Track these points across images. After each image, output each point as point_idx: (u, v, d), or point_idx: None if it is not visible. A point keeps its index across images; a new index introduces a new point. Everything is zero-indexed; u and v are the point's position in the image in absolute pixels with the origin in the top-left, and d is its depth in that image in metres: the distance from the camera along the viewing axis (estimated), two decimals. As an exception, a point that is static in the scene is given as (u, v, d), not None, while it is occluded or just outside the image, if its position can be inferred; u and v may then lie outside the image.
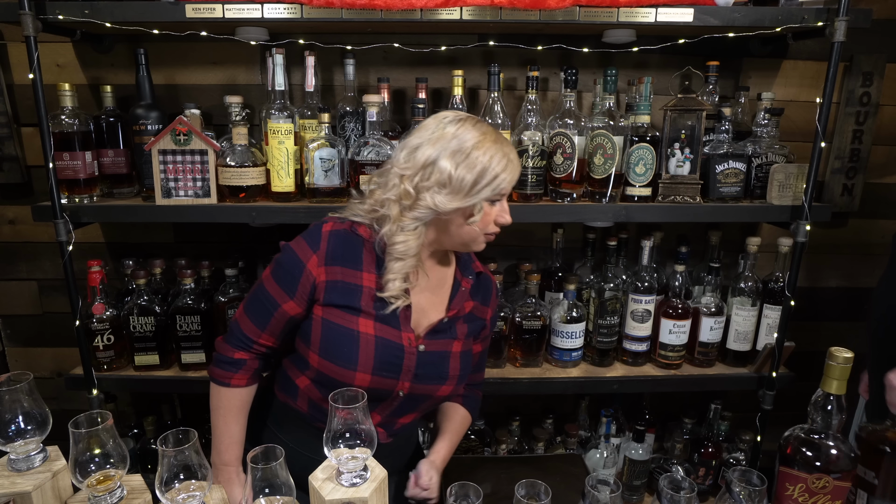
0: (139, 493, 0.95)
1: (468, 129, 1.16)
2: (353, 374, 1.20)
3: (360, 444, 0.95)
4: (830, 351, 0.96)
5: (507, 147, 1.19)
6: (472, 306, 1.35)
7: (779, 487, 1.01)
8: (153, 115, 1.69)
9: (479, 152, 1.14)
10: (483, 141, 1.15)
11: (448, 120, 1.19)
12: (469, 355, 1.36)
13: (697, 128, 1.67)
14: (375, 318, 1.22)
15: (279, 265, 1.23)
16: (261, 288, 1.25)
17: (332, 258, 1.21)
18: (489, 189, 1.15)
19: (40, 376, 2.18)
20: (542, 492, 0.87)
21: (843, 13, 1.51)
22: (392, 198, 1.18)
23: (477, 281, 1.38)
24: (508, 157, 1.18)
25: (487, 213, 1.20)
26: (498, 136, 1.20)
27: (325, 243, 1.21)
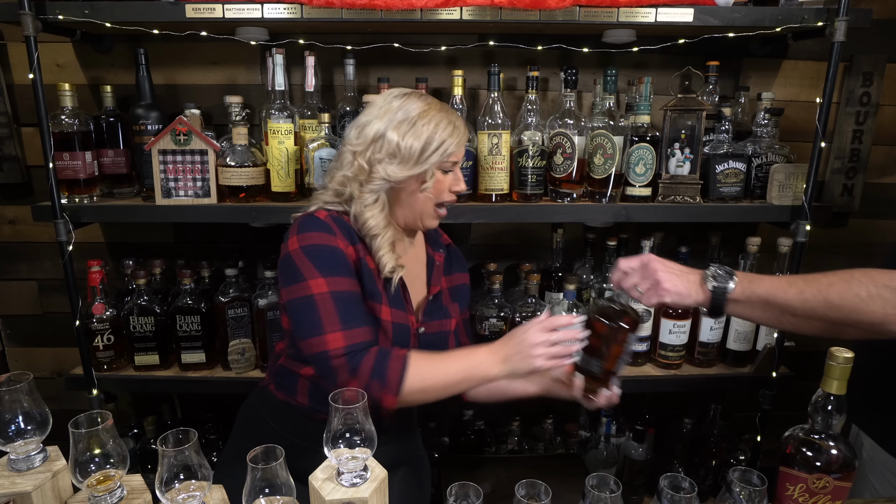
0: (139, 493, 0.95)
1: (413, 101, 1.21)
2: None
3: (360, 444, 0.95)
4: (830, 351, 0.96)
5: (453, 115, 1.23)
6: (448, 280, 1.40)
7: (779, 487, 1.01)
8: (153, 115, 1.69)
9: (424, 121, 1.18)
10: (428, 110, 1.20)
11: (394, 95, 1.23)
12: (461, 332, 1.43)
13: (697, 128, 1.67)
14: (390, 303, 1.24)
15: (322, 259, 1.15)
16: (335, 296, 1.15)
17: (349, 236, 1.21)
18: (437, 154, 1.19)
19: (40, 376, 2.18)
20: (542, 492, 0.87)
21: (843, 13, 1.51)
22: (349, 175, 1.22)
23: (448, 254, 1.43)
24: (454, 123, 1.21)
25: (440, 181, 1.24)
26: (443, 105, 1.24)
27: (333, 225, 1.20)
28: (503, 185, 1.70)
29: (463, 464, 1.82)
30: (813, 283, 1.11)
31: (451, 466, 1.78)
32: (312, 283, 1.13)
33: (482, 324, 1.84)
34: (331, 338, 1.11)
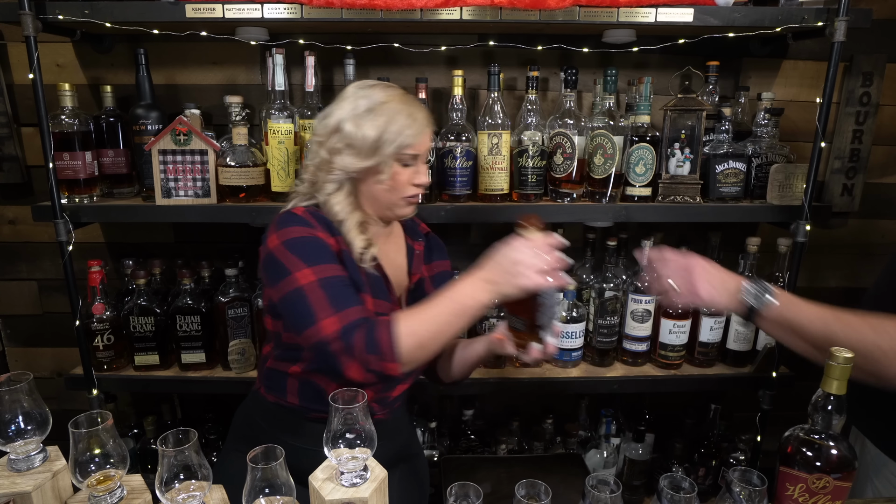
0: (139, 493, 0.95)
1: (375, 92, 1.18)
2: None
3: (360, 444, 0.95)
4: (830, 351, 0.96)
5: (414, 107, 1.19)
6: (428, 269, 1.39)
7: (779, 487, 1.01)
8: (153, 115, 1.69)
9: (381, 110, 1.16)
10: (388, 101, 1.17)
11: (359, 86, 1.21)
12: None
13: (697, 128, 1.67)
14: (372, 293, 1.22)
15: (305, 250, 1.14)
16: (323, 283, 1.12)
17: (329, 229, 1.20)
18: (392, 146, 1.16)
19: (40, 376, 2.18)
20: (542, 492, 0.87)
21: (843, 13, 1.51)
22: (314, 165, 1.22)
23: (428, 242, 1.41)
24: (413, 115, 1.17)
25: (399, 174, 1.20)
26: (407, 97, 1.21)
27: (311, 218, 1.19)
28: (503, 185, 1.70)
29: (463, 464, 1.82)
30: (842, 320, 1.10)
31: (451, 466, 1.78)
32: (299, 274, 1.11)
33: (482, 324, 1.84)
34: (325, 324, 1.08)
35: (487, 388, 1.86)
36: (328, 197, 1.21)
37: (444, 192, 1.71)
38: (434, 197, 1.70)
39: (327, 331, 1.08)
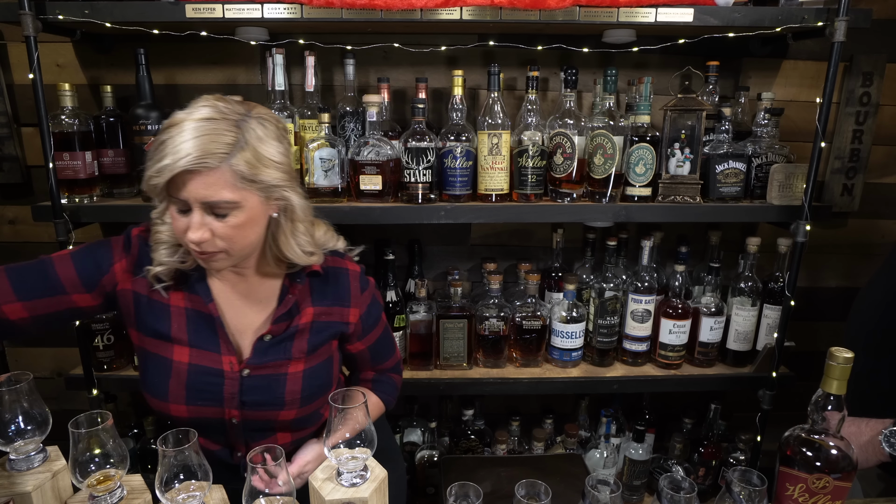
0: (139, 493, 0.95)
1: (188, 107, 1.04)
2: (167, 405, 1.14)
3: (360, 444, 0.95)
4: (830, 351, 0.96)
5: (189, 134, 0.97)
6: (316, 312, 1.20)
7: (779, 487, 1.01)
8: (153, 115, 1.69)
9: (163, 125, 1.02)
10: (174, 120, 1.00)
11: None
12: (324, 368, 1.22)
13: (697, 128, 1.67)
14: (190, 343, 1.13)
15: (85, 252, 1.14)
16: (45, 264, 1.10)
17: (140, 266, 1.12)
18: (147, 171, 1.01)
19: (40, 376, 2.17)
20: (542, 492, 0.87)
21: (843, 13, 1.51)
22: None
23: (318, 280, 1.21)
24: (174, 144, 0.97)
25: (173, 218, 1.05)
26: (201, 123, 0.99)
27: (135, 248, 1.13)
28: (503, 185, 1.70)
29: (463, 464, 1.82)
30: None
31: (451, 466, 1.78)
32: (62, 252, 1.14)
33: (482, 324, 1.84)
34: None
35: (487, 388, 1.86)
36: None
37: (444, 192, 1.71)
38: (434, 197, 1.70)
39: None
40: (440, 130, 1.70)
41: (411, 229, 2.06)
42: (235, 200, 1.01)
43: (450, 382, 1.84)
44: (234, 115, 1.02)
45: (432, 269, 2.13)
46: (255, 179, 1.01)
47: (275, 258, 1.17)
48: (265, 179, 1.02)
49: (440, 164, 1.69)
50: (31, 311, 1.08)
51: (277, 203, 1.08)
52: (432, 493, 1.92)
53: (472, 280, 2.13)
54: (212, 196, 0.99)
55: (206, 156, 0.96)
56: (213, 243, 1.03)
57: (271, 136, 1.05)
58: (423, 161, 1.64)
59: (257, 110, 1.06)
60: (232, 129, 1.00)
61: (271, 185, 1.04)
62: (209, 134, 0.97)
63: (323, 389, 1.22)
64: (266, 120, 1.06)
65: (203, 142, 0.97)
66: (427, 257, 2.10)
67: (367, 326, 1.28)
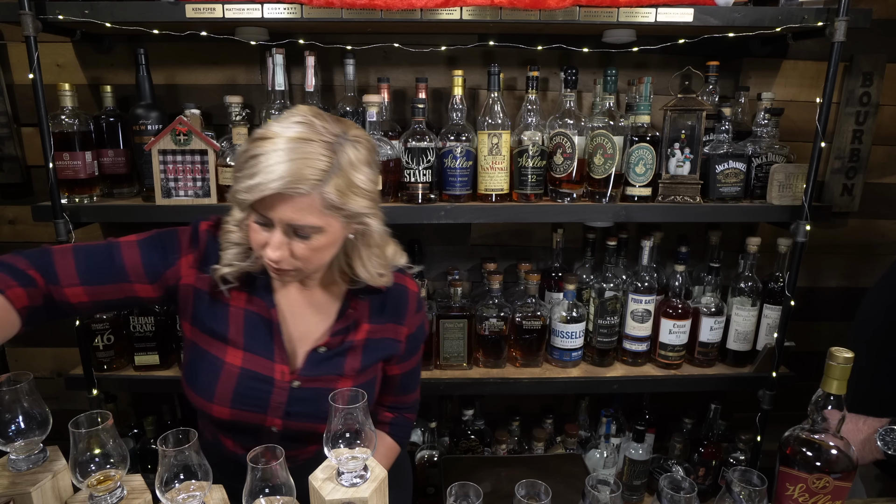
0: (139, 493, 0.95)
1: (282, 117, 1.01)
2: (210, 405, 1.13)
3: (360, 444, 0.95)
4: (830, 351, 0.96)
5: (283, 155, 0.94)
6: (370, 330, 1.19)
7: (779, 487, 1.01)
8: (153, 115, 1.69)
9: (255, 135, 0.98)
10: (267, 133, 0.97)
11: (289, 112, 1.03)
12: (369, 387, 1.22)
13: (697, 128, 1.67)
14: (245, 347, 1.13)
15: (152, 240, 1.14)
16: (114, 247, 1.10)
17: (205, 262, 1.11)
18: (236, 184, 0.98)
19: (40, 376, 2.17)
20: (542, 492, 0.87)
21: (843, 13, 1.51)
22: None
23: (378, 298, 1.19)
24: (266, 163, 0.94)
25: (251, 229, 1.03)
26: (296, 143, 0.95)
27: (202, 242, 1.12)
28: (503, 185, 1.70)
29: (463, 464, 1.82)
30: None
31: (451, 466, 1.78)
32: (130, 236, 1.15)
33: (482, 324, 1.84)
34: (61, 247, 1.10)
35: (487, 388, 1.86)
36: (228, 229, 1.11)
37: (444, 192, 1.71)
38: (434, 197, 1.70)
39: (53, 248, 1.10)
40: (440, 130, 1.70)
41: (411, 229, 2.06)
42: (320, 226, 1.00)
43: (450, 382, 1.84)
44: (329, 135, 0.98)
45: (432, 269, 2.13)
46: (342, 207, 0.99)
47: (341, 272, 1.16)
48: (352, 207, 1.00)
49: (440, 164, 1.69)
50: (91, 295, 1.08)
51: (356, 227, 1.07)
52: (432, 493, 1.92)
53: (472, 280, 2.13)
54: (298, 220, 0.98)
55: (300, 181, 0.94)
56: (289, 261, 1.03)
57: (363, 160, 1.01)
58: (423, 161, 1.64)
59: (353, 132, 1.03)
60: (327, 152, 0.96)
61: (356, 213, 1.02)
62: (304, 158, 0.94)
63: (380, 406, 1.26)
64: (360, 143, 1.02)
65: (297, 166, 0.94)
66: (427, 257, 2.10)
67: (410, 348, 1.27)
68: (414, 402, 1.39)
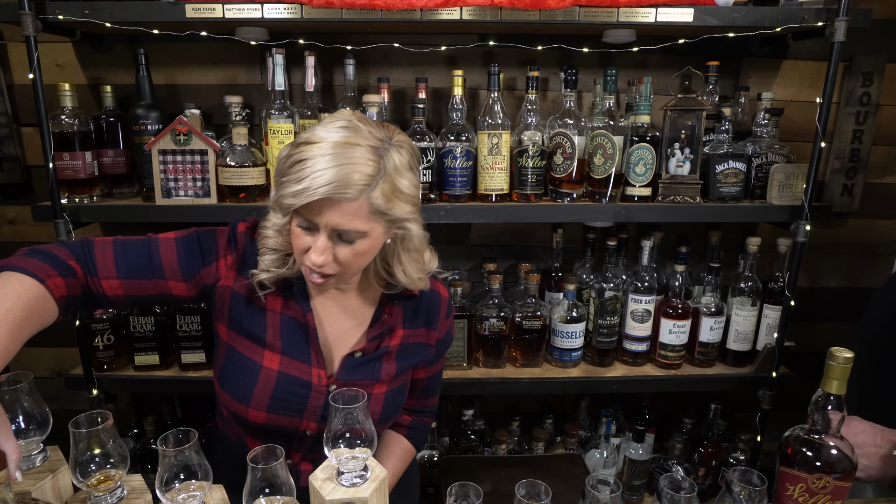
0: (139, 493, 0.95)
1: (326, 121, 1.00)
2: (246, 409, 1.12)
3: (360, 444, 0.95)
4: (830, 351, 0.96)
5: (330, 160, 0.93)
6: (405, 335, 1.20)
7: (779, 487, 1.01)
8: (153, 115, 1.69)
9: (300, 139, 0.98)
10: (313, 137, 0.96)
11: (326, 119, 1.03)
12: (401, 392, 1.23)
13: (697, 128, 1.67)
14: (282, 351, 1.13)
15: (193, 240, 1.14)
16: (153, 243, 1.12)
17: (244, 264, 1.12)
18: (281, 189, 0.97)
19: (40, 376, 2.17)
20: (542, 492, 0.87)
21: (843, 13, 1.51)
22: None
23: (412, 303, 1.21)
24: (313, 168, 0.93)
25: (294, 233, 1.03)
26: (343, 148, 0.94)
27: (240, 243, 1.13)
28: (503, 185, 1.70)
29: (463, 464, 1.82)
30: None
31: (451, 466, 1.78)
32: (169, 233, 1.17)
33: (482, 324, 1.84)
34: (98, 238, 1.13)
35: (487, 388, 1.86)
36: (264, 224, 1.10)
37: (444, 192, 1.71)
38: (434, 197, 1.70)
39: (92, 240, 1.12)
40: (440, 130, 1.70)
41: (411, 229, 2.05)
42: (365, 231, 0.99)
43: (450, 382, 1.84)
44: (375, 140, 0.98)
45: (432, 269, 2.13)
46: (387, 213, 0.99)
47: (377, 276, 1.16)
48: (396, 213, 1.00)
49: (440, 164, 1.69)
50: (127, 289, 1.08)
51: (397, 232, 1.07)
52: (432, 493, 1.92)
53: (472, 280, 2.13)
54: (344, 225, 0.97)
55: (348, 187, 0.93)
56: (331, 266, 1.02)
57: (406, 164, 1.01)
58: (423, 161, 1.64)
59: (397, 137, 1.02)
60: (373, 157, 0.96)
61: (400, 218, 1.02)
62: (351, 163, 0.94)
63: (397, 411, 1.24)
64: (403, 147, 1.02)
65: (345, 171, 0.93)
66: (427, 257, 2.10)
67: (438, 353, 1.29)
68: (433, 406, 1.40)
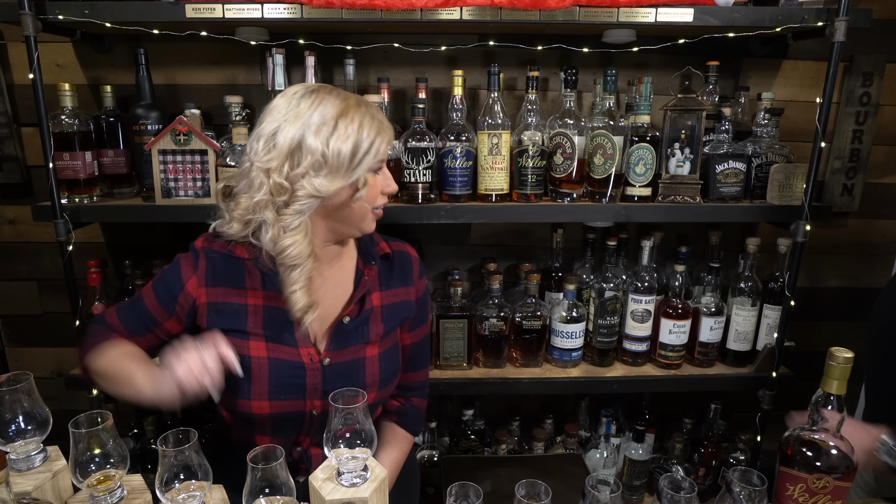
0: (139, 493, 0.95)
1: (325, 99, 1.05)
2: (248, 402, 1.13)
3: (360, 444, 0.95)
4: (830, 351, 0.96)
5: (373, 109, 1.09)
6: (384, 296, 1.23)
7: (779, 487, 1.01)
8: (153, 115, 1.69)
9: (346, 121, 1.03)
10: (346, 108, 1.05)
11: (299, 95, 1.06)
12: (394, 354, 1.26)
13: (697, 128, 1.67)
14: (266, 338, 1.14)
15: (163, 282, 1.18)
16: (140, 301, 1.19)
17: (212, 278, 1.14)
18: (370, 157, 1.05)
19: (40, 376, 2.17)
20: (542, 492, 0.87)
21: (843, 13, 1.51)
22: (263, 198, 1.04)
23: (386, 264, 1.26)
24: (377, 118, 1.08)
25: (373, 185, 1.11)
26: (360, 99, 1.09)
27: (202, 261, 1.15)
28: (503, 185, 1.70)
29: (463, 464, 1.82)
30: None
31: (451, 466, 1.78)
32: (148, 284, 1.21)
33: (482, 324, 1.84)
34: (109, 310, 1.23)
35: (487, 388, 1.86)
36: (283, 234, 1.04)
37: (444, 192, 1.71)
38: (434, 197, 1.70)
39: (104, 313, 1.23)
40: (440, 130, 1.70)
41: (411, 229, 2.06)
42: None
43: (450, 382, 1.84)
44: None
45: (432, 269, 2.13)
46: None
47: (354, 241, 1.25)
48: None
49: (440, 164, 1.69)
50: (145, 344, 1.19)
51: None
52: (432, 492, 1.92)
53: (472, 280, 2.13)
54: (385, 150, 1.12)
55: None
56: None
57: None
58: (423, 161, 1.64)
59: None
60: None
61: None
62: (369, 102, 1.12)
63: (395, 374, 1.27)
64: None
65: (376, 107, 1.12)
66: (427, 257, 2.10)
67: (419, 315, 1.31)
68: (422, 382, 1.40)
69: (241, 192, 1.09)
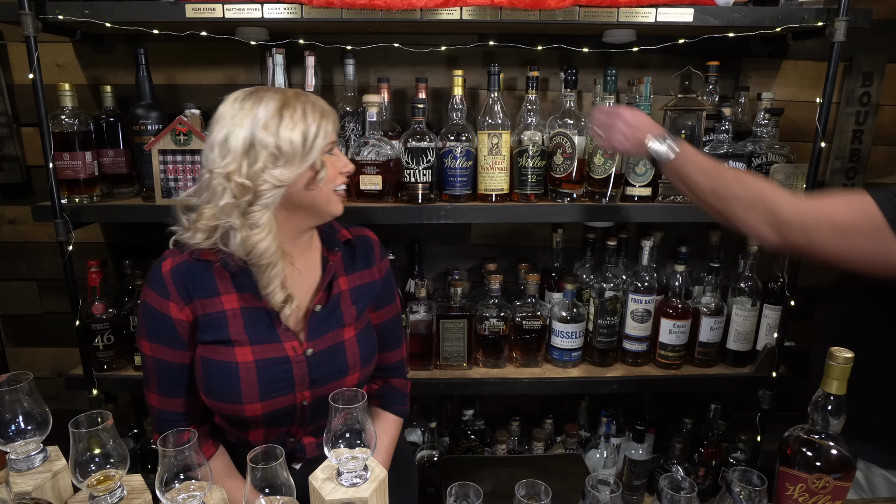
0: (139, 493, 0.95)
1: (265, 96, 1.09)
2: (241, 407, 1.14)
3: (360, 444, 0.95)
4: (830, 351, 0.96)
5: (312, 97, 1.14)
6: (350, 279, 1.27)
7: (779, 487, 1.01)
8: (153, 115, 1.69)
9: (290, 111, 1.08)
10: (287, 100, 1.09)
11: (240, 98, 1.10)
12: (369, 332, 1.29)
13: (697, 128, 1.67)
14: (250, 341, 1.15)
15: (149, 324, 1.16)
16: (156, 362, 1.17)
17: (186, 295, 1.14)
18: (320, 139, 1.10)
19: (40, 376, 2.17)
20: (542, 492, 0.87)
21: (843, 13, 1.51)
22: (228, 202, 1.06)
23: (348, 249, 1.30)
24: (317, 104, 1.13)
25: (332, 165, 1.16)
26: (297, 91, 1.14)
27: (171, 284, 1.14)
28: (503, 185, 1.70)
29: (463, 464, 1.82)
30: (724, 171, 1.23)
31: (451, 466, 1.78)
32: (142, 342, 1.18)
33: (482, 324, 1.84)
34: (150, 396, 1.20)
35: (487, 388, 1.86)
36: (253, 233, 1.08)
37: (444, 192, 1.71)
38: (434, 197, 1.70)
39: (150, 401, 1.21)
40: (440, 130, 1.70)
41: (411, 229, 2.06)
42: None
43: (450, 382, 1.84)
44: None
45: (432, 269, 2.13)
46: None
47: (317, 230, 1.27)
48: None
49: (440, 164, 1.69)
50: (188, 401, 1.21)
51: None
52: (432, 493, 1.92)
53: (472, 280, 2.13)
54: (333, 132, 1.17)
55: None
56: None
57: None
58: (423, 161, 1.64)
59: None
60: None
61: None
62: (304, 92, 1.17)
63: (373, 352, 1.30)
64: None
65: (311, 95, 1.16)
66: (427, 257, 2.10)
67: (384, 295, 1.34)
68: (399, 362, 1.43)
69: (203, 204, 1.11)
